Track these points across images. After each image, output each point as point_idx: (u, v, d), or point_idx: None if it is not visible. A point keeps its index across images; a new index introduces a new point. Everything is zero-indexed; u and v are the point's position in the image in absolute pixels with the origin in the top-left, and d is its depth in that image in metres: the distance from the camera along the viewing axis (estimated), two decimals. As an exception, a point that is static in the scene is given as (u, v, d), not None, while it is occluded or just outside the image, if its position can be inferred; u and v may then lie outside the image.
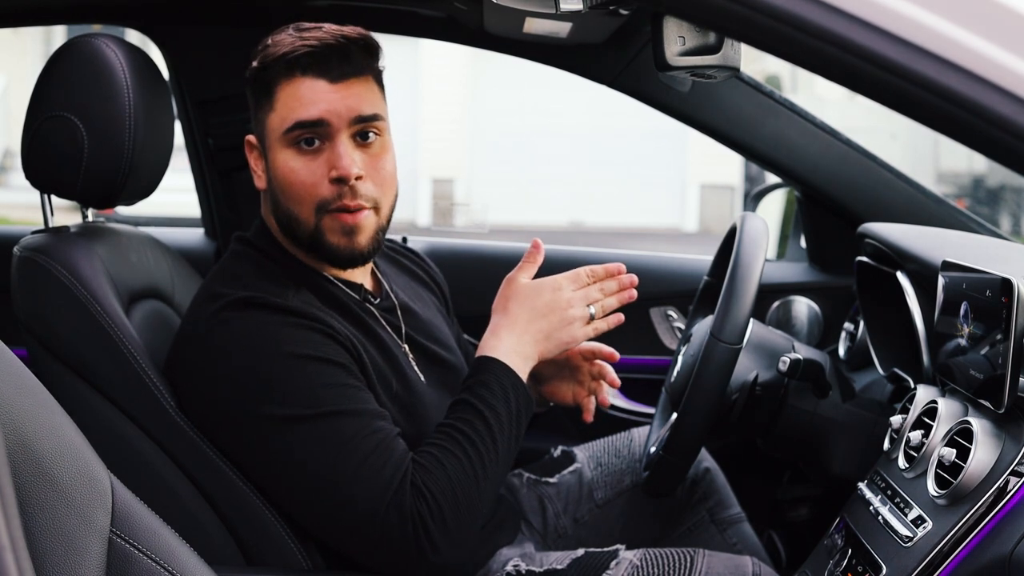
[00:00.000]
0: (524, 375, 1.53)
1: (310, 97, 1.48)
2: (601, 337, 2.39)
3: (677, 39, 1.32)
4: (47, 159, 1.58)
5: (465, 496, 1.43)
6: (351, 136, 1.50)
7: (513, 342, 1.53)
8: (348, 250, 1.52)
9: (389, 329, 1.61)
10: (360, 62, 1.51)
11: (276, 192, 1.53)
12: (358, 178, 1.49)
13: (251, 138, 1.58)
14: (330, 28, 1.51)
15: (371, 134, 1.52)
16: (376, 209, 1.53)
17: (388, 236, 2.19)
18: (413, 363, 1.62)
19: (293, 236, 1.55)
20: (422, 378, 1.62)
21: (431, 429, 1.56)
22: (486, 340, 1.54)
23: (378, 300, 1.64)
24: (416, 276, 1.82)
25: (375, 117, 1.52)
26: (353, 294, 1.59)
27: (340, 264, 1.56)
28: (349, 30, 1.52)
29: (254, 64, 1.53)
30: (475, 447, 1.45)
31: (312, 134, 1.49)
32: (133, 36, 2.22)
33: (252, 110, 1.57)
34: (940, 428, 1.39)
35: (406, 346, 1.63)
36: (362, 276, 1.63)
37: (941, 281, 1.47)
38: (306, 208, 1.50)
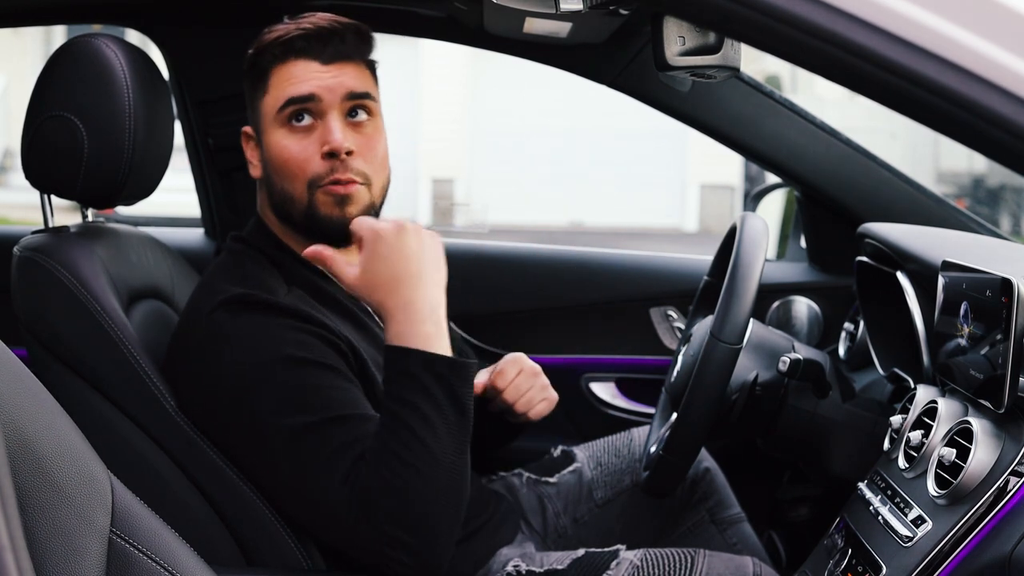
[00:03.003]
0: (435, 336, 1.38)
1: (302, 76, 1.52)
2: (602, 335, 2.41)
3: (677, 39, 1.32)
4: (47, 159, 1.58)
5: (408, 503, 1.34)
6: (342, 114, 1.53)
7: (403, 316, 1.39)
8: (340, 220, 1.51)
9: (380, 322, 1.62)
10: (353, 47, 1.54)
11: (271, 173, 1.55)
12: (348, 153, 1.51)
13: (247, 129, 1.61)
14: (324, 15, 1.56)
15: (362, 112, 1.54)
16: (368, 185, 1.53)
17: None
18: None
19: (289, 219, 1.55)
20: None
21: None
22: (385, 334, 1.42)
23: None
24: None
25: (366, 95, 1.54)
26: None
27: (334, 239, 1.52)
28: (344, 18, 1.56)
29: (250, 52, 1.57)
30: (405, 446, 1.35)
31: (303, 108, 1.51)
32: (133, 36, 2.22)
33: (248, 100, 1.60)
34: (940, 428, 1.39)
35: None
36: None
37: (941, 281, 1.47)
38: (299, 185, 1.52)
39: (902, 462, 1.46)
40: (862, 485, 1.53)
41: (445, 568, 1.42)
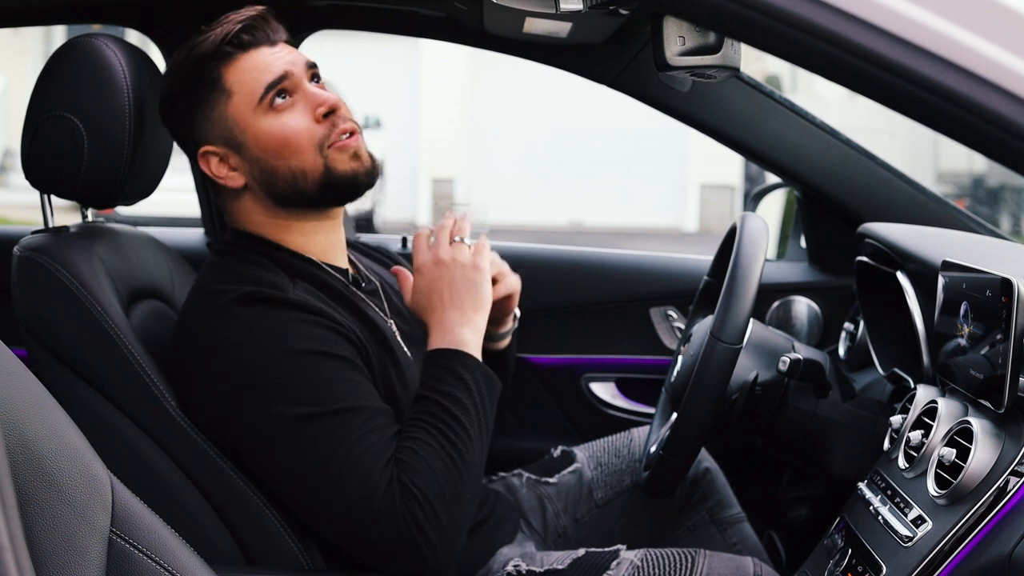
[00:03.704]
0: (472, 345, 1.53)
1: (261, 63, 1.55)
2: (602, 335, 2.41)
3: (677, 39, 1.32)
4: (47, 159, 1.58)
5: (451, 487, 1.43)
6: (310, 81, 1.58)
7: (446, 324, 1.54)
8: (362, 170, 1.57)
9: (376, 310, 1.62)
10: (280, 27, 1.60)
11: (270, 161, 1.54)
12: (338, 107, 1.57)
13: (209, 147, 1.56)
14: (244, 9, 1.58)
15: (319, 78, 1.60)
16: (359, 132, 1.59)
17: (385, 236, 2.19)
18: (400, 341, 1.63)
19: (301, 196, 1.56)
20: (409, 354, 1.63)
21: None
22: (428, 343, 1.56)
23: (363, 284, 1.66)
24: (388, 265, 1.83)
25: (316, 64, 1.61)
26: (341, 278, 1.60)
27: (357, 189, 1.59)
28: (256, 5, 1.59)
29: (188, 70, 1.54)
30: (446, 436, 1.45)
31: (281, 89, 1.54)
32: (133, 36, 2.22)
33: (198, 119, 1.56)
34: (940, 428, 1.39)
35: (391, 322, 1.65)
36: (343, 261, 1.65)
37: (941, 281, 1.47)
38: (310, 153, 1.54)
39: (902, 462, 1.46)
40: (862, 485, 1.53)
41: (454, 565, 1.43)
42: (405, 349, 1.64)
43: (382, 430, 1.44)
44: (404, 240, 2.37)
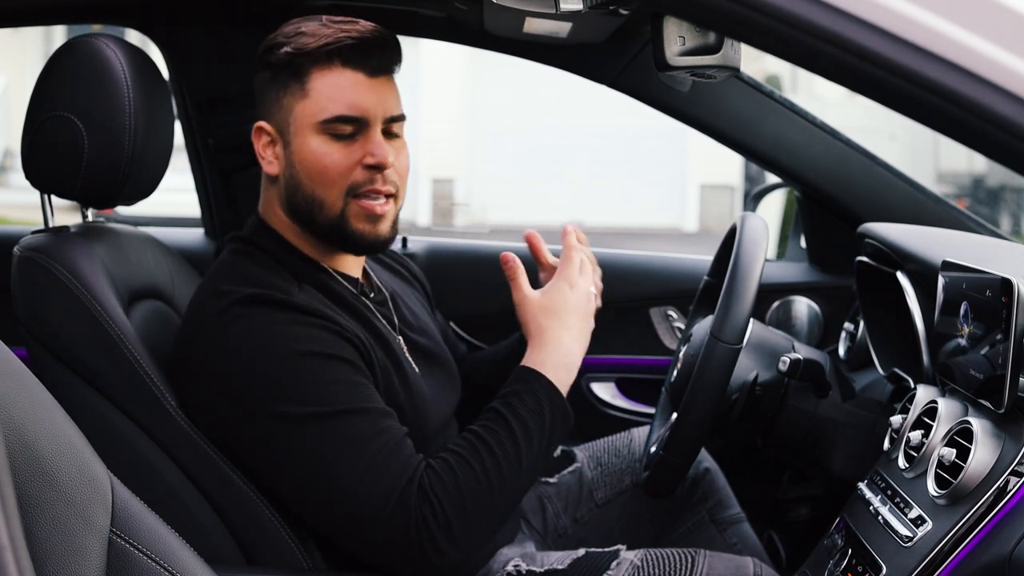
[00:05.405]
0: (567, 384, 1.55)
1: (351, 91, 1.52)
2: (602, 335, 2.41)
3: (677, 39, 1.32)
4: (47, 159, 1.58)
5: (475, 503, 1.43)
6: (382, 130, 1.55)
7: (556, 353, 1.56)
8: (372, 236, 1.56)
9: (384, 321, 1.62)
10: (391, 59, 1.57)
11: (300, 176, 1.54)
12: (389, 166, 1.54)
13: (264, 124, 1.58)
14: (366, 23, 1.55)
15: (396, 131, 1.58)
16: (396, 196, 1.58)
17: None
18: (408, 355, 1.63)
19: (310, 222, 1.56)
20: (416, 369, 1.63)
21: (429, 420, 1.57)
22: (528, 355, 1.57)
23: (372, 294, 1.65)
24: (399, 274, 1.84)
25: (402, 117, 1.59)
26: (351, 287, 1.60)
27: (361, 250, 1.60)
28: (382, 28, 1.56)
29: (286, 50, 1.53)
30: (493, 455, 1.46)
31: (349, 127, 1.53)
32: (133, 36, 2.22)
33: (270, 95, 1.57)
34: (940, 428, 1.39)
35: (400, 338, 1.64)
36: (356, 270, 1.64)
37: (941, 281, 1.47)
38: (335, 192, 1.53)
39: (902, 462, 1.46)
40: (862, 485, 1.53)
41: (458, 574, 1.44)
42: (411, 360, 1.63)
43: (391, 431, 1.45)
44: (404, 240, 2.37)
